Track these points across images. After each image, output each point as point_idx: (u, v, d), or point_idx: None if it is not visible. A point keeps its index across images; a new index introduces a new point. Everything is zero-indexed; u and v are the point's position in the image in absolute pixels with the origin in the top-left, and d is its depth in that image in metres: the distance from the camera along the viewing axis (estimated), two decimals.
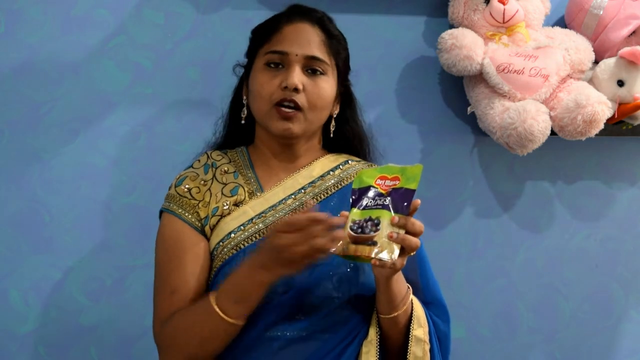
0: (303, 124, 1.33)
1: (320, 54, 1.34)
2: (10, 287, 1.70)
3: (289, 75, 1.30)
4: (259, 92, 1.33)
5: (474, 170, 1.85)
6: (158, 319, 1.28)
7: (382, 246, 1.12)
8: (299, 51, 1.32)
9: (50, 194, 1.70)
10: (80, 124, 1.71)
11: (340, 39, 1.40)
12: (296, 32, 1.34)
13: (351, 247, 1.13)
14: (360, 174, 1.22)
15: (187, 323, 1.23)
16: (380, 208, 1.16)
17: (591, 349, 1.89)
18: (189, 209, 1.31)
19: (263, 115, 1.34)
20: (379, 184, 1.19)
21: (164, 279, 1.29)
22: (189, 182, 1.34)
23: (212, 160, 1.39)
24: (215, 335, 1.20)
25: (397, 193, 1.17)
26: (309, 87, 1.31)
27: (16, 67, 1.69)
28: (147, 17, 1.73)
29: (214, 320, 1.19)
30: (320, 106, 1.33)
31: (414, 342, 1.28)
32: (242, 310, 1.19)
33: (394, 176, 1.19)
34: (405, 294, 1.27)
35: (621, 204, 1.91)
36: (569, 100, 1.64)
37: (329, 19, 1.40)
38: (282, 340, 1.24)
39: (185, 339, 1.22)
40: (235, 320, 1.19)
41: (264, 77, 1.33)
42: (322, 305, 1.26)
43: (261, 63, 1.34)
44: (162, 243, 1.32)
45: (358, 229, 1.14)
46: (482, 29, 1.71)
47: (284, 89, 1.30)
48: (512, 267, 1.87)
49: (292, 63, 1.32)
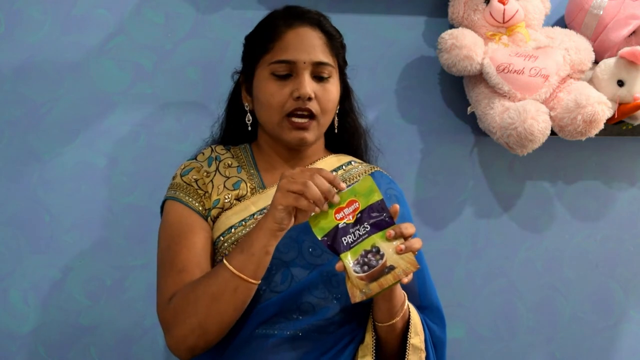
0: (317, 130, 1.34)
1: (325, 57, 1.33)
2: (10, 287, 1.70)
3: (300, 85, 1.29)
4: (268, 103, 1.32)
5: (474, 170, 1.85)
6: (164, 298, 1.24)
7: (399, 264, 1.10)
8: (306, 58, 1.31)
9: (50, 194, 1.70)
10: (80, 124, 1.71)
11: (338, 37, 1.40)
12: (299, 38, 1.32)
13: (373, 286, 1.09)
14: (313, 222, 1.15)
15: (196, 286, 1.20)
16: (367, 236, 1.12)
17: (591, 349, 1.89)
18: (195, 197, 1.32)
19: (274, 125, 1.33)
20: (341, 218, 1.14)
21: (171, 259, 1.27)
22: (195, 173, 1.35)
23: (216, 154, 1.39)
24: (223, 291, 1.16)
25: (367, 213, 1.13)
26: (320, 94, 1.32)
27: (16, 67, 1.69)
28: (147, 17, 1.73)
29: (223, 274, 1.17)
30: (330, 110, 1.35)
31: (411, 350, 1.28)
32: (246, 260, 1.16)
33: (349, 201, 1.14)
34: (403, 301, 1.26)
35: (621, 204, 1.91)
36: (569, 100, 1.64)
37: (325, 18, 1.39)
38: (277, 337, 1.24)
39: (194, 301, 1.18)
40: (241, 273, 1.16)
41: (272, 87, 1.31)
42: (319, 305, 1.26)
43: (266, 72, 1.32)
44: (168, 228, 1.31)
45: (364, 266, 1.11)
46: (482, 29, 1.71)
47: (296, 99, 1.29)
48: (512, 267, 1.87)
49: (301, 71, 1.31)
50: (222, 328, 1.20)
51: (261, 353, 1.23)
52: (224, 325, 1.20)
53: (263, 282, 1.24)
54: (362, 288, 1.09)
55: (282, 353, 1.23)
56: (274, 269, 1.25)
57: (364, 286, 1.09)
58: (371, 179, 1.16)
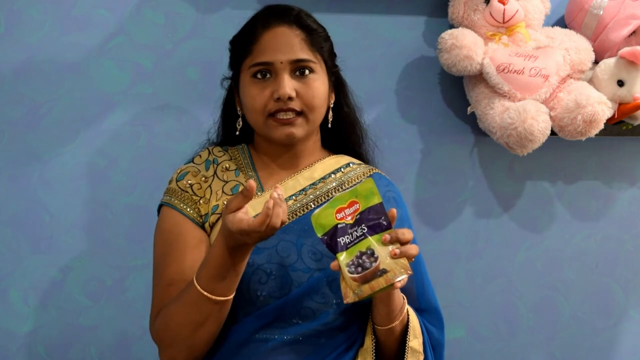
0: (305, 126, 1.32)
1: (304, 54, 1.31)
2: (10, 287, 1.70)
3: (279, 86, 1.28)
4: (252, 106, 1.31)
5: (474, 170, 1.85)
6: (153, 311, 1.27)
7: (392, 268, 1.09)
8: (283, 58, 1.29)
9: (50, 194, 1.70)
10: (80, 124, 1.71)
11: (320, 31, 1.37)
12: (275, 38, 1.31)
13: (365, 288, 1.09)
14: (315, 219, 1.16)
15: (177, 312, 1.20)
16: (363, 238, 1.12)
17: (591, 349, 1.89)
18: (190, 203, 1.31)
19: (260, 126, 1.33)
20: (341, 218, 1.14)
21: (161, 271, 1.28)
22: (191, 178, 1.34)
23: (213, 157, 1.38)
24: (207, 317, 1.18)
25: (366, 215, 1.13)
26: (302, 90, 1.30)
27: (16, 67, 1.69)
28: (147, 17, 1.73)
29: (205, 303, 1.17)
30: (317, 105, 1.32)
31: (410, 353, 1.28)
32: (217, 284, 1.16)
33: (350, 202, 1.15)
34: (402, 305, 1.26)
35: (621, 204, 1.91)
36: (569, 100, 1.64)
37: (306, 14, 1.37)
38: (277, 342, 1.24)
39: (179, 328, 1.20)
40: (221, 296, 1.16)
41: (253, 89, 1.31)
42: (320, 310, 1.26)
43: (248, 76, 1.32)
44: (161, 236, 1.31)
45: (358, 267, 1.11)
46: (482, 29, 1.71)
47: (277, 100, 1.28)
48: (512, 267, 1.87)
49: (279, 71, 1.29)
50: (208, 343, 1.23)
51: (260, 357, 1.23)
52: (209, 340, 1.22)
53: (263, 287, 1.24)
54: (355, 289, 1.10)
55: (282, 357, 1.23)
56: (273, 273, 1.25)
57: (356, 287, 1.10)
58: (372, 181, 1.15)
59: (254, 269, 1.25)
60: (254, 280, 1.24)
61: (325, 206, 1.16)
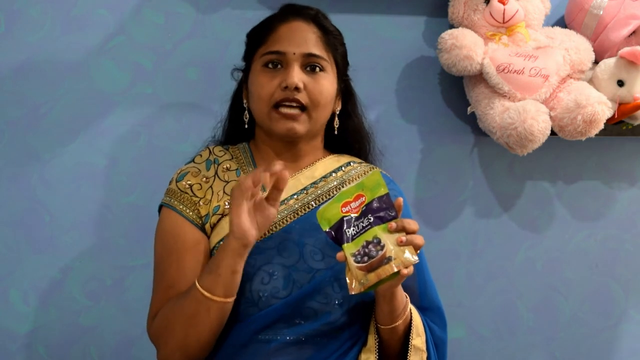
0: (307, 123, 1.32)
1: (318, 50, 1.33)
2: (10, 287, 1.70)
3: (288, 75, 1.29)
4: (258, 94, 1.32)
5: (474, 170, 1.85)
6: (151, 313, 1.27)
7: (398, 256, 1.09)
8: (296, 50, 1.31)
9: (50, 194, 1.70)
10: (80, 124, 1.71)
11: (337, 34, 1.39)
12: (291, 31, 1.33)
13: (371, 276, 1.09)
14: (321, 214, 1.17)
15: (173, 308, 1.21)
16: (369, 228, 1.12)
17: (591, 349, 1.89)
18: (189, 205, 1.31)
19: (264, 117, 1.33)
20: (347, 211, 1.15)
21: (161, 274, 1.28)
22: (191, 178, 1.34)
23: (214, 156, 1.38)
24: (197, 313, 1.17)
25: (372, 206, 1.14)
26: (310, 85, 1.31)
27: (16, 67, 1.69)
28: (147, 17, 1.73)
29: (195, 296, 1.17)
30: (322, 103, 1.33)
31: (413, 352, 1.28)
32: (214, 281, 1.16)
33: (356, 195, 1.16)
34: (405, 304, 1.26)
35: (621, 204, 1.91)
36: (569, 100, 1.64)
37: (324, 16, 1.39)
38: (279, 342, 1.24)
39: (172, 324, 1.20)
40: (211, 294, 1.16)
41: (263, 78, 1.32)
42: (322, 310, 1.26)
43: (259, 65, 1.33)
44: (162, 238, 1.31)
45: (364, 257, 1.11)
46: (482, 29, 1.71)
47: (284, 89, 1.29)
48: (512, 267, 1.87)
49: (291, 62, 1.31)
50: (202, 346, 1.22)
51: (263, 357, 1.23)
52: (202, 343, 1.21)
53: (265, 288, 1.24)
54: (361, 279, 1.10)
55: (285, 357, 1.23)
56: (275, 274, 1.25)
57: (362, 277, 1.10)
58: (379, 173, 1.17)
59: (256, 270, 1.25)
60: (256, 280, 1.24)
61: (330, 201, 1.17)
